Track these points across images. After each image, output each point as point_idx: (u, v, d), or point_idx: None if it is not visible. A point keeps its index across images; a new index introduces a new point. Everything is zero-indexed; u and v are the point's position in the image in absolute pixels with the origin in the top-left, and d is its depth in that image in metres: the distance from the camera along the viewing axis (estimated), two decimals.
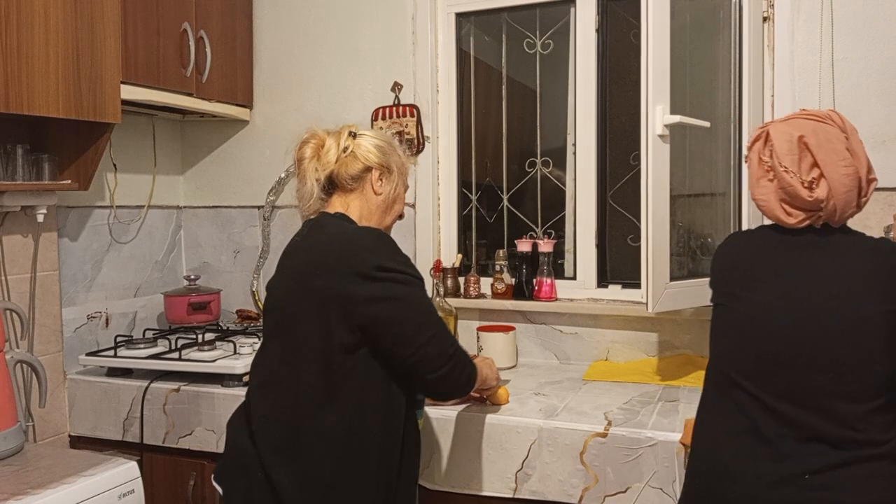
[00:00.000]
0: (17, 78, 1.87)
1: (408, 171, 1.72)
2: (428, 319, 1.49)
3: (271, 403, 1.51)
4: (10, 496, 1.58)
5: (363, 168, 1.61)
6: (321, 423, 1.45)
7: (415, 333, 1.46)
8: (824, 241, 1.40)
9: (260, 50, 2.83)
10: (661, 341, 2.36)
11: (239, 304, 2.86)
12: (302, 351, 1.47)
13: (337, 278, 1.45)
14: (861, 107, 2.13)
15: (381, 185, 1.63)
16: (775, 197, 1.42)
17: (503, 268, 2.53)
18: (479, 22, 2.67)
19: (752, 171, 1.48)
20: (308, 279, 1.48)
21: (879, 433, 1.28)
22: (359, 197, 1.62)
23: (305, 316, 1.47)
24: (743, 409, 1.36)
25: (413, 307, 1.48)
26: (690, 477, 1.45)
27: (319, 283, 1.46)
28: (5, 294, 2.20)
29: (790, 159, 1.39)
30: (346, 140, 1.63)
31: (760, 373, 1.36)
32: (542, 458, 1.82)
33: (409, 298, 1.47)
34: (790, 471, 1.29)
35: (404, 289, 1.47)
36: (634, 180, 2.41)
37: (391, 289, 1.46)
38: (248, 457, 1.51)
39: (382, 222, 1.66)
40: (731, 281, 1.46)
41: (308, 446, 1.45)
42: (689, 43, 2.17)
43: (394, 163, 1.66)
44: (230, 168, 2.89)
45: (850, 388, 1.29)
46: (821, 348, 1.32)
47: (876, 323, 1.30)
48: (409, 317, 1.47)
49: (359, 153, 1.61)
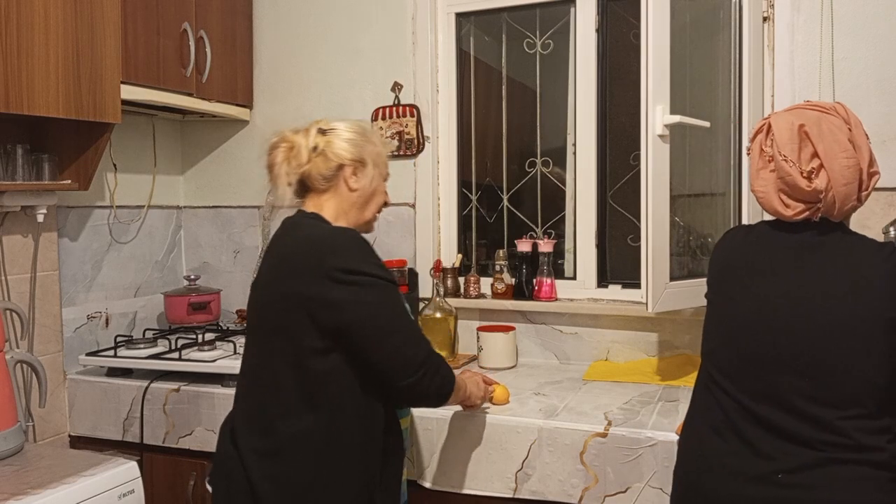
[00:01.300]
0: (17, 78, 1.87)
1: (386, 158, 1.64)
2: (396, 325, 1.44)
3: (250, 405, 1.50)
4: (10, 496, 1.58)
5: (336, 166, 1.56)
6: (299, 426, 1.43)
7: (381, 339, 1.43)
8: (821, 241, 1.38)
9: (260, 50, 2.83)
10: (661, 341, 2.36)
11: (239, 304, 2.86)
12: (276, 353, 1.45)
13: (304, 281, 1.41)
14: (861, 107, 2.12)
15: (356, 179, 1.57)
16: (774, 188, 1.40)
17: (503, 268, 2.53)
18: (479, 22, 2.67)
19: (753, 162, 1.46)
20: (278, 282, 1.46)
21: (865, 438, 1.26)
22: (333, 195, 1.57)
23: (277, 318, 1.45)
24: (723, 407, 1.37)
25: (380, 312, 1.43)
26: (677, 472, 1.46)
27: (287, 286, 1.43)
28: (5, 294, 2.20)
29: (790, 148, 1.38)
30: (316, 138, 1.56)
31: (742, 372, 1.36)
32: (542, 458, 1.81)
33: (376, 303, 1.43)
34: (768, 468, 1.29)
35: (372, 292, 1.43)
36: (634, 180, 2.41)
37: (357, 293, 1.41)
38: (231, 458, 1.50)
39: (361, 217, 1.60)
40: (723, 279, 1.46)
41: (286, 448, 1.43)
42: (689, 43, 2.17)
43: (368, 154, 1.58)
44: (230, 168, 2.89)
45: (831, 393, 1.28)
46: (806, 350, 1.30)
47: (869, 327, 1.29)
48: (375, 322, 1.42)
49: (329, 152, 1.55)
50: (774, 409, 1.31)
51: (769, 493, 1.28)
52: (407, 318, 1.48)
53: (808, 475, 1.26)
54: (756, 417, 1.32)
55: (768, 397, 1.32)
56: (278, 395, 1.45)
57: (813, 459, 1.27)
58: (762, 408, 1.32)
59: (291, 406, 1.44)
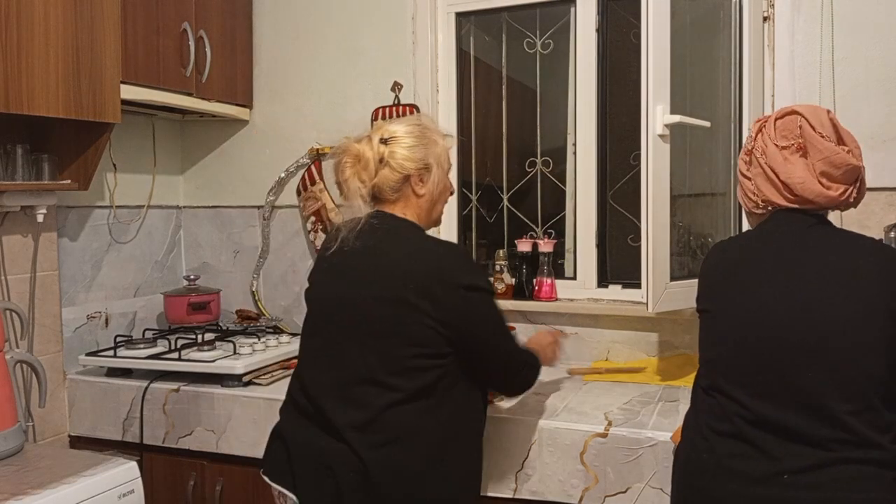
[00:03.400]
0: (17, 78, 1.87)
1: (448, 153, 1.67)
2: (505, 332, 1.62)
3: (363, 404, 1.51)
4: (10, 496, 1.58)
5: (402, 178, 1.59)
6: (419, 422, 1.50)
7: (497, 345, 1.59)
8: (811, 239, 1.38)
9: (260, 50, 2.83)
10: (661, 341, 2.36)
11: (239, 305, 2.86)
12: (392, 356, 1.50)
13: (430, 294, 1.48)
14: (861, 107, 2.13)
15: (422, 185, 1.61)
16: (812, 172, 1.39)
17: (503, 268, 2.52)
18: (479, 22, 2.67)
19: (772, 158, 1.42)
20: (398, 290, 1.49)
21: (872, 434, 1.26)
22: (406, 202, 1.61)
23: (395, 324, 1.50)
24: (726, 411, 1.35)
25: (494, 321, 1.59)
26: (677, 477, 1.45)
27: (412, 297, 1.48)
28: (5, 294, 2.20)
29: (828, 129, 1.38)
30: (379, 149, 1.58)
31: (745, 375, 1.34)
32: (542, 458, 1.81)
33: (491, 314, 1.58)
34: (774, 469, 1.28)
35: (487, 304, 1.57)
36: (634, 180, 2.41)
37: (477, 305, 1.54)
38: (336, 454, 1.50)
39: (433, 216, 1.68)
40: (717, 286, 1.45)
41: (408, 443, 1.49)
42: (689, 43, 2.17)
43: (431, 156, 1.61)
44: (230, 168, 2.89)
45: (837, 389, 1.27)
46: (810, 348, 1.30)
47: (870, 320, 1.28)
48: (491, 330, 1.58)
49: (394, 163, 1.57)
50: (780, 410, 1.30)
51: (774, 494, 1.27)
52: (506, 323, 1.64)
53: (814, 475, 1.26)
54: (761, 419, 1.31)
55: (773, 398, 1.31)
56: (395, 394, 1.49)
57: (819, 459, 1.26)
58: (767, 409, 1.31)
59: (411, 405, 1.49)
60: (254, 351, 2.29)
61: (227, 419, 2.16)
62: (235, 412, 2.15)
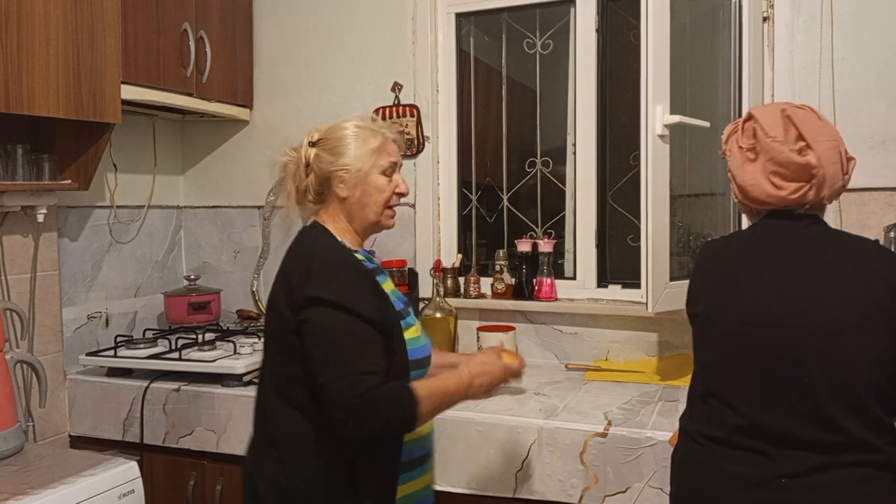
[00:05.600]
0: (17, 78, 1.87)
1: (380, 149, 1.53)
2: (335, 359, 1.37)
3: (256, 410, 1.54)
4: (10, 496, 1.58)
5: (323, 180, 1.52)
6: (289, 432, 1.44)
7: (319, 369, 1.38)
8: (805, 239, 1.37)
9: (260, 50, 2.83)
10: (661, 341, 2.36)
11: (239, 304, 2.86)
12: (270, 360, 1.50)
13: (283, 299, 1.44)
14: (861, 107, 2.13)
15: (343, 188, 1.51)
16: (763, 173, 1.40)
17: (503, 268, 2.52)
18: (479, 22, 2.68)
19: (733, 161, 1.45)
20: (274, 290, 1.49)
21: (870, 437, 1.26)
22: (335, 206, 1.54)
23: (268, 324, 1.51)
24: (724, 416, 1.34)
25: (326, 341, 1.38)
26: (675, 480, 1.44)
27: (274, 300, 1.48)
28: (5, 294, 2.20)
29: (777, 130, 1.39)
30: (307, 152, 1.53)
31: (743, 381, 1.33)
32: (542, 458, 1.82)
33: (326, 333, 1.38)
34: (771, 473, 1.28)
35: (325, 322, 1.39)
36: (634, 180, 2.41)
37: (311, 322, 1.39)
38: (245, 464, 1.56)
39: (366, 220, 1.53)
40: (709, 291, 1.44)
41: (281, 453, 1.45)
42: (689, 43, 2.17)
43: (350, 157, 1.50)
44: (230, 168, 2.89)
45: (836, 393, 1.26)
46: (809, 351, 1.29)
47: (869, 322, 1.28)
48: (319, 349, 1.38)
49: (316, 166, 1.52)
50: (778, 415, 1.29)
51: (772, 498, 1.27)
52: (356, 352, 1.38)
53: (812, 479, 1.26)
54: (758, 426, 1.30)
55: (771, 403, 1.30)
56: (265, 398, 1.50)
57: (817, 463, 1.26)
58: (765, 415, 1.30)
59: (275, 407, 1.47)
60: (254, 351, 2.29)
61: (228, 419, 2.16)
62: (236, 412, 2.15)
